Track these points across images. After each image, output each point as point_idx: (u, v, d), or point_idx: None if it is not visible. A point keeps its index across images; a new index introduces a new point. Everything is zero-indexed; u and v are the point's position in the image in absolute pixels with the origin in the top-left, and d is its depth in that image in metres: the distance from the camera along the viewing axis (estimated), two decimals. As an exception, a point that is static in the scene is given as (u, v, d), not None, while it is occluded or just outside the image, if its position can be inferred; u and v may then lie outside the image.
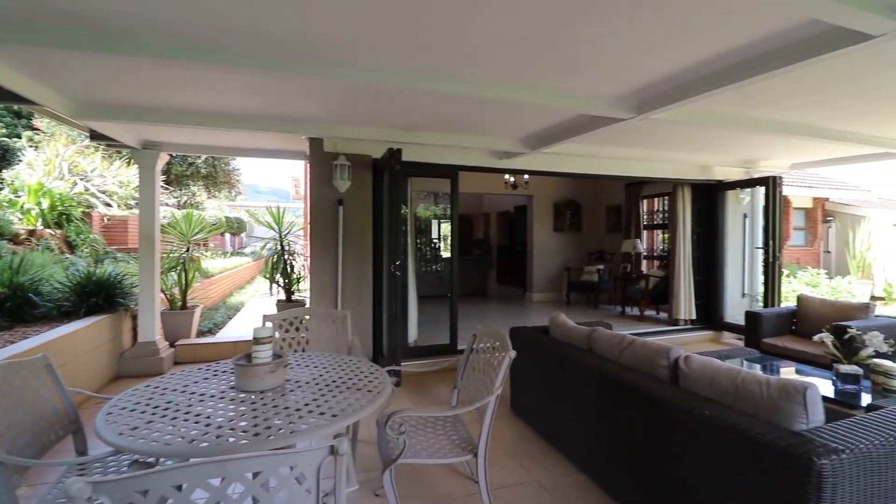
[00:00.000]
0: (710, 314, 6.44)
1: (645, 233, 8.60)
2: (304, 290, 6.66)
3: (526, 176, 7.31)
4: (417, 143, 4.48)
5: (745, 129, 3.92)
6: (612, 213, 9.24)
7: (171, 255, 5.60)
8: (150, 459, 1.66)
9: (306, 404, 1.79)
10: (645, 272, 7.92)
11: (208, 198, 14.91)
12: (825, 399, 2.88)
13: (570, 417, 2.84)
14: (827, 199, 11.81)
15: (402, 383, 4.24)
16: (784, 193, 10.54)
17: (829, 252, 11.84)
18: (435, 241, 12.25)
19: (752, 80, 2.54)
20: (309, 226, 4.75)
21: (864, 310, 4.25)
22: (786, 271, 9.75)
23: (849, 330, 3.11)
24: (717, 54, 2.47)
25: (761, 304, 6.04)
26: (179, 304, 5.47)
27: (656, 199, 8.35)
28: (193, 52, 2.41)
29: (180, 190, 13.64)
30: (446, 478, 2.63)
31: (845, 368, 2.97)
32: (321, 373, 2.20)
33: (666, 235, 7.93)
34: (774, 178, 5.86)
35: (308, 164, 4.88)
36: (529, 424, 3.36)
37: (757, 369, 3.59)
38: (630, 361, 2.56)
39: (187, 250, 5.67)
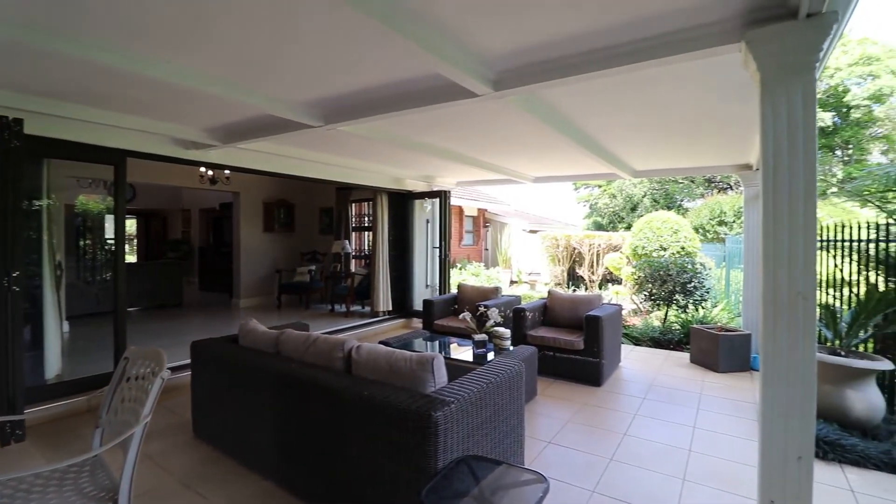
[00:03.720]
0: (403, 304, 7.51)
1: (354, 234, 9.26)
2: None
3: (227, 171, 6.67)
4: (59, 116, 3.43)
5: (422, 152, 4.78)
6: (325, 214, 9.55)
7: None
8: None
9: None
10: (354, 271, 8.53)
11: None
12: (468, 362, 3.80)
13: (257, 427, 2.75)
14: (486, 210, 15.64)
15: (27, 436, 3.14)
16: (459, 204, 13.41)
17: (487, 249, 15.72)
18: (111, 242, 9.73)
19: (404, 112, 3.07)
20: None
21: (496, 292, 5.82)
22: (459, 265, 12.38)
23: (480, 308, 4.18)
24: (379, 85, 2.88)
25: (439, 292, 7.45)
26: None
27: (364, 204, 9.12)
28: None
29: None
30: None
31: (478, 337, 3.99)
32: None
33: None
34: (446, 192, 7.32)
35: None
36: (216, 445, 3.06)
37: (432, 346, 4.39)
38: (313, 358, 2.68)
39: None
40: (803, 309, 1.61)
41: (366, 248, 9.33)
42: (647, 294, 7.04)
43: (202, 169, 6.93)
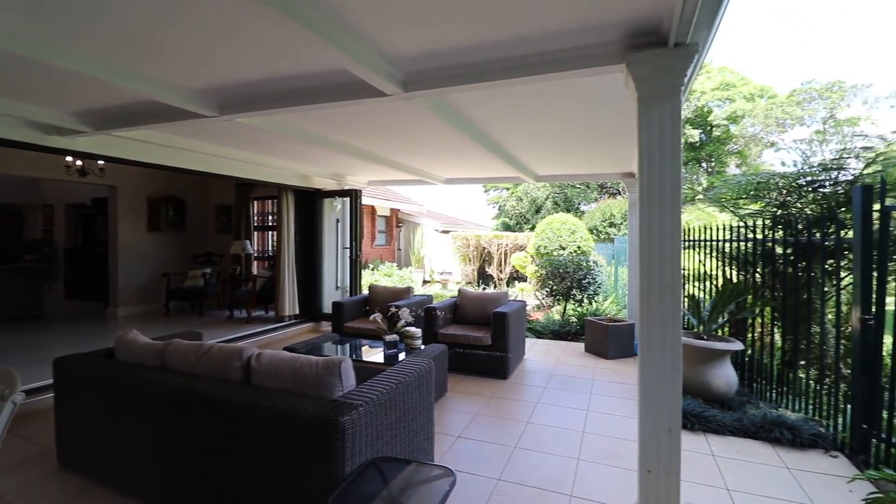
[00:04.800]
0: (311, 308, 7.20)
1: (256, 234, 8.66)
2: None
3: (101, 161, 5.85)
4: None
5: (332, 149, 4.62)
6: (223, 212, 8.80)
7: None
8: None
9: None
10: (256, 273, 7.99)
11: None
12: (378, 363, 3.76)
13: (139, 450, 2.45)
14: (399, 210, 15.60)
15: None
16: (371, 203, 13.21)
17: (400, 250, 15.69)
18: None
19: (311, 107, 2.95)
20: None
21: (407, 292, 5.82)
22: (371, 265, 12.21)
23: (391, 309, 4.16)
24: (282, 76, 2.71)
25: (349, 294, 7.26)
26: None
27: (268, 202, 8.57)
28: None
29: None
30: None
31: (389, 337, 3.97)
32: None
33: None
34: (356, 190, 7.16)
35: None
36: (87, 475, 2.67)
37: (343, 349, 4.25)
38: (206, 369, 2.46)
39: None
40: (671, 300, 1.84)
41: (270, 248, 8.78)
42: (548, 290, 7.55)
43: (69, 158, 6.01)
